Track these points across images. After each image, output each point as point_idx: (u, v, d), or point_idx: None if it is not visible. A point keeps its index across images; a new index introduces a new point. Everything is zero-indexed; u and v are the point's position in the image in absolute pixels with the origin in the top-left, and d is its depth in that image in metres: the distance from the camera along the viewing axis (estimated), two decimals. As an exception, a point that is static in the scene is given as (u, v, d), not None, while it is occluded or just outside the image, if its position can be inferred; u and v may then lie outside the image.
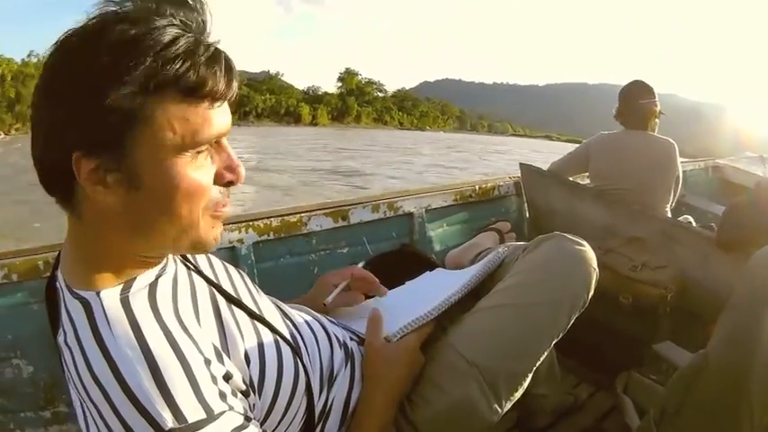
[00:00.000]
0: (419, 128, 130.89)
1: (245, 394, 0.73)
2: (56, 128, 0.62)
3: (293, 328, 0.95)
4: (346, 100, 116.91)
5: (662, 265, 1.83)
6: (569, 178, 2.62)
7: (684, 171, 2.56)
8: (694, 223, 2.53)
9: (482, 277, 1.23)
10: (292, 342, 0.89)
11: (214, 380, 0.66)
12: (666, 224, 2.12)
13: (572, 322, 1.06)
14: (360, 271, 1.25)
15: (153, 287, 0.71)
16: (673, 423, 1.08)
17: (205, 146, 0.66)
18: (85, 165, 0.61)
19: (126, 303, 0.67)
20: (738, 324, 1.06)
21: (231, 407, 0.66)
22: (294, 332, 0.94)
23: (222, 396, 0.66)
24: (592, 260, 1.09)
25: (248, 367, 0.77)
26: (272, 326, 0.87)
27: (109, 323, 0.64)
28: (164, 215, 0.66)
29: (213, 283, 0.84)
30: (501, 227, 2.13)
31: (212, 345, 0.72)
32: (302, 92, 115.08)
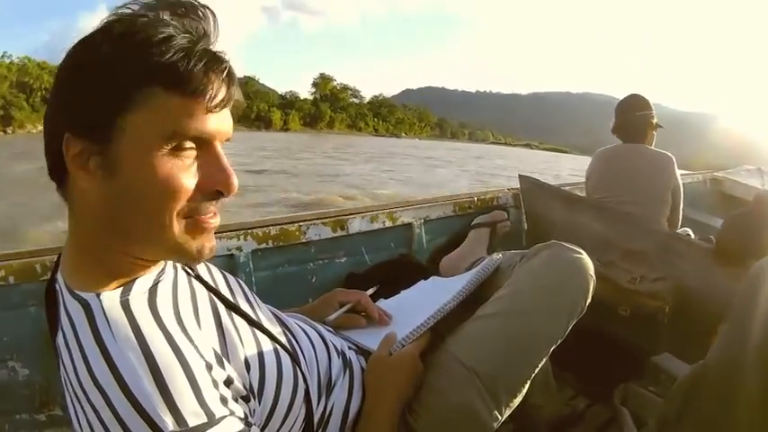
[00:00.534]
0: (394, 135, 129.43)
1: (245, 399, 0.73)
2: (54, 112, 0.66)
3: (291, 337, 0.95)
4: (319, 105, 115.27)
5: (660, 277, 1.83)
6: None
7: (683, 184, 2.55)
8: (693, 236, 2.52)
9: (477, 284, 1.24)
10: (290, 350, 0.89)
11: (215, 384, 0.66)
12: (665, 236, 2.12)
13: (570, 329, 1.07)
14: (366, 299, 1.27)
15: (153, 291, 0.71)
16: None
17: (185, 141, 0.64)
18: (73, 147, 0.63)
19: (126, 306, 0.66)
20: (738, 335, 1.06)
21: (232, 412, 0.66)
22: (292, 340, 0.94)
23: (223, 401, 0.66)
24: (589, 268, 1.11)
25: (248, 373, 0.77)
26: (271, 333, 0.88)
27: (110, 325, 0.64)
28: (137, 210, 0.65)
29: (212, 290, 0.84)
30: (495, 216, 2.14)
31: (213, 350, 0.72)
32: (279, 96, 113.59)
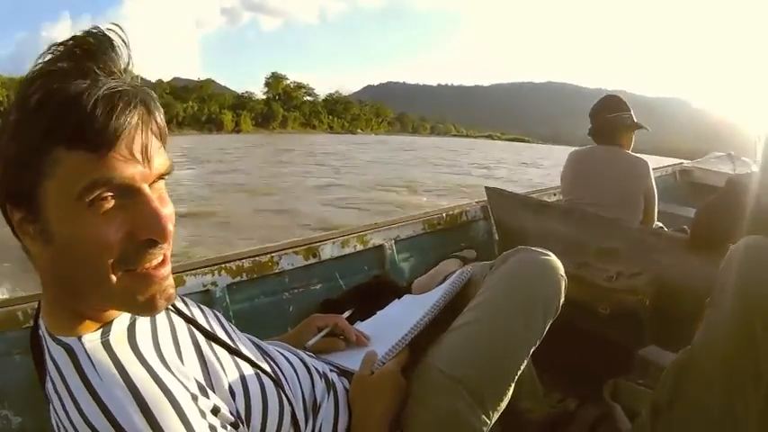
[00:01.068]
0: (350, 131, 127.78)
1: (234, 426, 0.74)
2: None
3: (272, 362, 0.96)
4: (271, 105, 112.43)
5: (637, 272, 1.83)
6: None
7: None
8: (666, 229, 2.54)
9: (450, 296, 1.25)
10: (273, 375, 0.90)
11: (203, 414, 0.68)
12: (637, 232, 2.14)
13: (547, 329, 1.09)
14: (343, 323, 1.27)
15: (131, 329, 0.72)
16: (667, 419, 1.09)
17: (103, 192, 0.61)
18: (14, 215, 0.64)
19: (108, 346, 0.67)
20: (720, 316, 1.08)
21: None
22: (273, 366, 0.95)
23: (212, 429, 0.67)
24: (559, 268, 1.14)
25: (234, 400, 0.78)
26: (252, 360, 0.88)
27: (94, 366, 0.64)
28: (76, 270, 0.64)
29: (191, 321, 0.85)
30: (466, 254, 2.16)
31: (196, 380, 0.73)
32: (234, 97, 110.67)
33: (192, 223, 9.26)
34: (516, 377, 1.05)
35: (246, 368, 0.85)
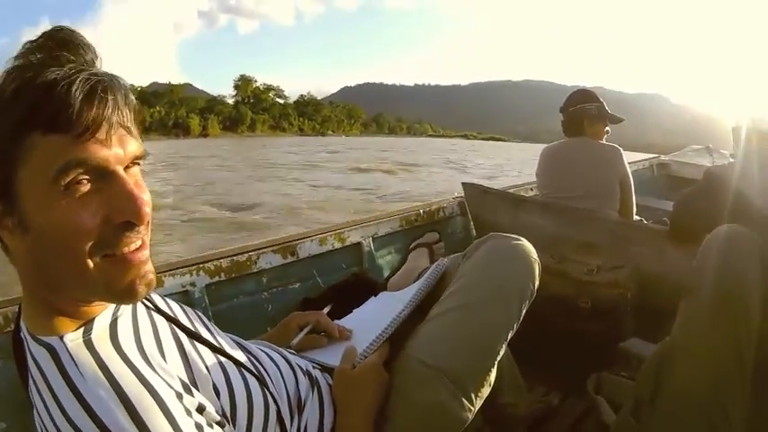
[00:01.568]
0: (321, 133, 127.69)
1: (220, 425, 0.74)
2: None
3: (255, 361, 0.95)
4: (240, 108, 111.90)
5: (618, 266, 1.84)
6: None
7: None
8: (645, 222, 2.55)
9: (427, 290, 1.26)
10: (256, 373, 0.90)
11: (188, 413, 0.67)
12: (617, 225, 2.14)
13: (523, 313, 1.10)
14: (324, 319, 1.28)
15: (113, 327, 0.71)
16: (650, 411, 1.08)
17: (78, 175, 0.61)
18: None
19: (90, 345, 0.67)
20: (697, 305, 1.08)
21: None
22: (257, 364, 0.95)
23: (199, 428, 0.67)
24: (531, 252, 1.15)
25: (218, 398, 0.78)
26: (235, 358, 0.88)
27: (77, 365, 0.64)
28: (54, 258, 0.64)
29: (173, 320, 0.84)
30: (428, 238, 2.15)
31: (180, 379, 0.72)
32: (206, 101, 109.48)
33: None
34: (496, 362, 1.06)
35: (230, 367, 0.85)
